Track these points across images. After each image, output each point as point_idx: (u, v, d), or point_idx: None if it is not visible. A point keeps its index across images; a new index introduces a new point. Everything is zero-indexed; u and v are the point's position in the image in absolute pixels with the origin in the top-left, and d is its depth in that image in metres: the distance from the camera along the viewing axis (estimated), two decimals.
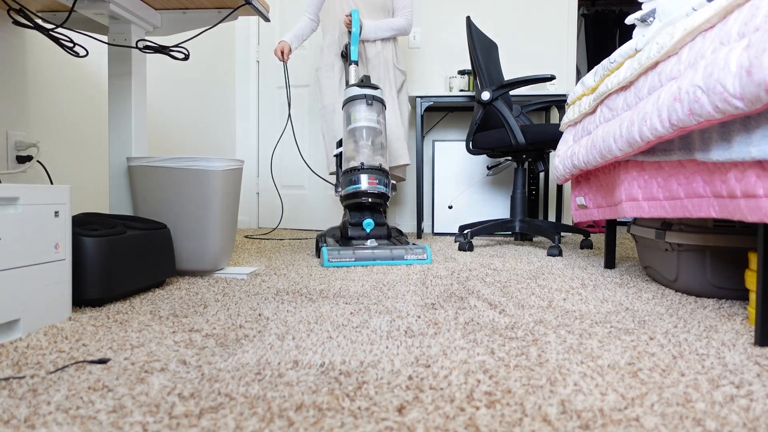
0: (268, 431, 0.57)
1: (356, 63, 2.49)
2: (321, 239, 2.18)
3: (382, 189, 2.07)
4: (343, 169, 2.19)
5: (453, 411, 0.63)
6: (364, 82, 2.22)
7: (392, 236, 2.16)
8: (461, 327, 1.03)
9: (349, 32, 2.54)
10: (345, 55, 2.60)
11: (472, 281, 1.56)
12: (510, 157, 2.74)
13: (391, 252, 1.85)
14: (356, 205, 2.10)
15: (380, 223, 2.08)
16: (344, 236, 2.03)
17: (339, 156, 2.29)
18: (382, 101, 2.23)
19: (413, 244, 2.02)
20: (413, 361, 0.83)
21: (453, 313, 1.15)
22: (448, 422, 0.60)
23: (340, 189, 2.14)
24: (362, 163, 2.08)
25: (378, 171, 2.08)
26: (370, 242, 1.99)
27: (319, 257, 2.06)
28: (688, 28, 1.03)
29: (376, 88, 2.22)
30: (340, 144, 2.29)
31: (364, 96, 2.18)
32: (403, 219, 3.71)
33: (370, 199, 2.06)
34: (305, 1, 2.88)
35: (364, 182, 2.05)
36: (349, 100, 2.20)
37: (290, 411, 0.64)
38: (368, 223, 2.04)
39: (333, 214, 3.51)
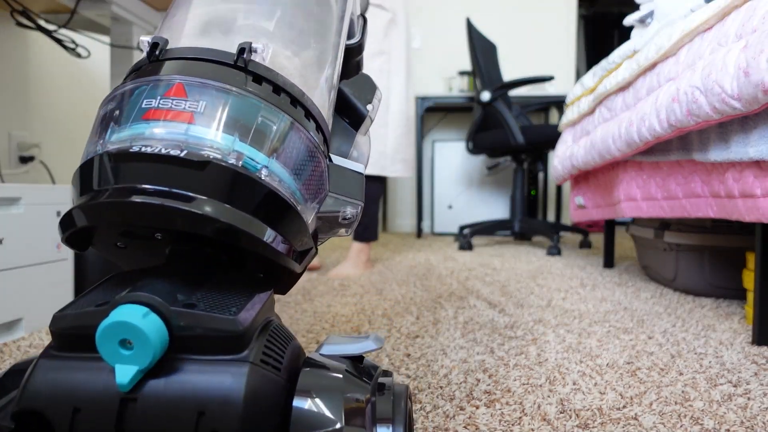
0: None
1: None
2: None
3: (218, 151, 0.38)
4: None
5: (453, 410, 0.64)
6: None
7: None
8: (461, 326, 1.04)
9: None
10: None
11: (471, 281, 1.57)
12: (509, 157, 2.75)
13: None
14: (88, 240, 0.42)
15: (221, 338, 0.34)
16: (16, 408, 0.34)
17: None
18: None
19: None
20: (413, 361, 0.83)
21: (453, 312, 1.15)
22: (448, 421, 0.61)
23: None
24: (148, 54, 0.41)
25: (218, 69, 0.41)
26: None
27: None
28: (686, 29, 1.04)
29: None
30: None
31: None
32: (402, 219, 3.72)
33: (149, 198, 0.35)
34: None
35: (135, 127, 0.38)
36: None
37: None
38: (125, 357, 0.32)
39: None
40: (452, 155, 3.32)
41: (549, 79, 2.41)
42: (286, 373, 0.37)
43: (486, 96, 2.49)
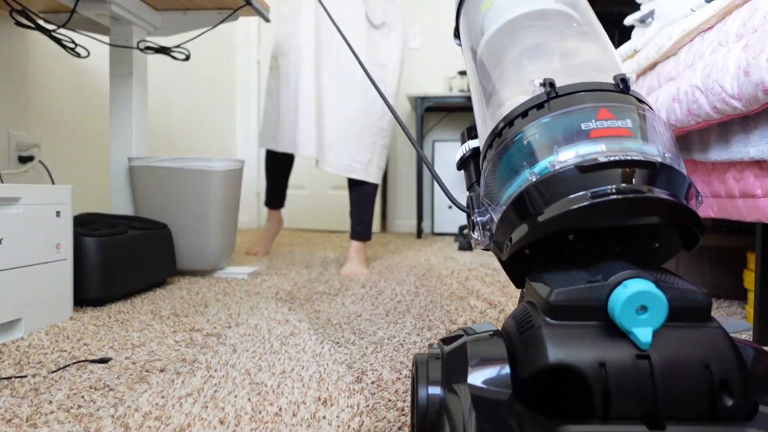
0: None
1: None
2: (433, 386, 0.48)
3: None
4: (507, 112, 0.55)
5: None
6: None
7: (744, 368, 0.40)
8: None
9: None
10: None
11: (471, 281, 1.56)
12: None
13: None
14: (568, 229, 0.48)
15: (694, 308, 0.43)
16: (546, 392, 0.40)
17: (470, 157, 0.71)
18: None
19: None
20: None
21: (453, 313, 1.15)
22: None
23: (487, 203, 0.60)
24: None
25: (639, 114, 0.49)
26: None
27: None
28: (686, 29, 1.04)
29: None
30: (471, 132, 0.69)
31: None
32: (402, 219, 3.72)
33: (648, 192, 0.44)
34: None
35: (602, 136, 0.47)
36: None
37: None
38: (641, 320, 0.39)
39: (334, 214, 3.50)
40: (452, 155, 3.32)
41: None
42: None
43: None
